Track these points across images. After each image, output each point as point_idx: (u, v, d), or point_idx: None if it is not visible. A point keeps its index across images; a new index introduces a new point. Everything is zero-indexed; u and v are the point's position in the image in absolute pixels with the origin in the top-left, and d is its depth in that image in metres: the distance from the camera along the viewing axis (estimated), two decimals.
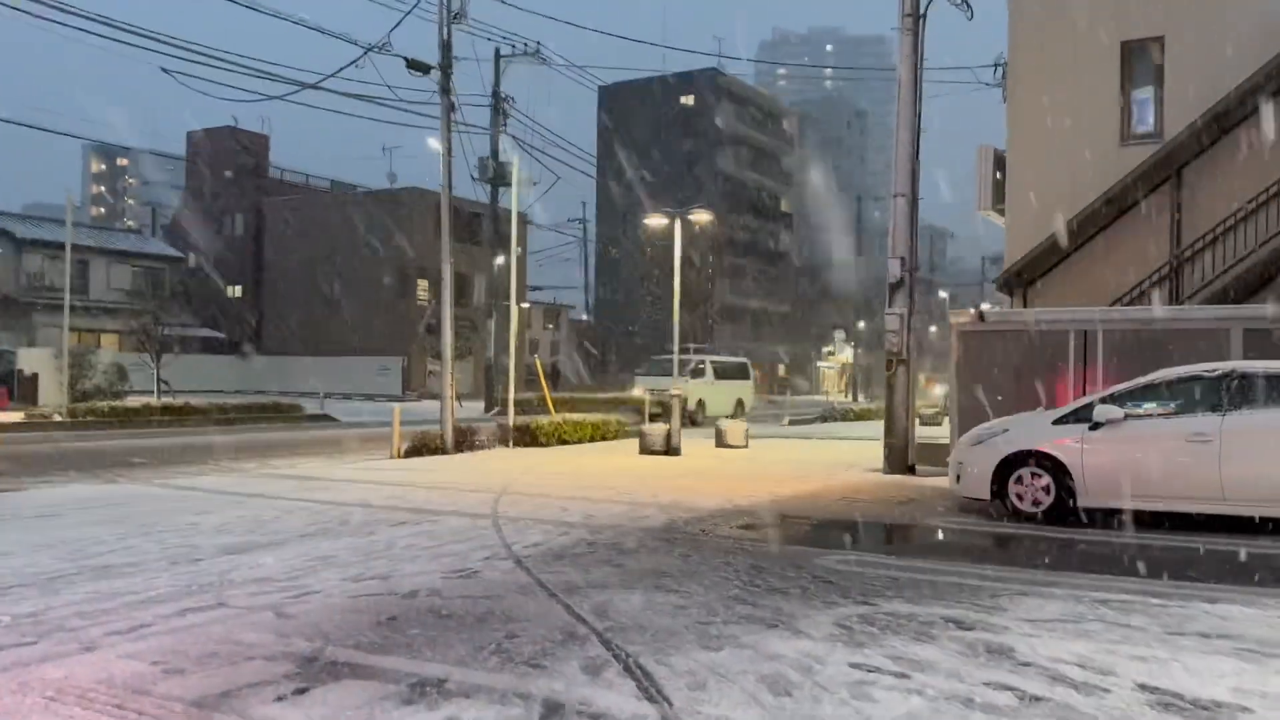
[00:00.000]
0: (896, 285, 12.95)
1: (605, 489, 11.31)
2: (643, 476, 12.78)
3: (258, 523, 8.71)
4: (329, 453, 17.60)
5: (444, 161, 16.03)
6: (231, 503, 10.06)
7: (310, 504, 9.92)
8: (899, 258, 12.93)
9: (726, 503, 10.21)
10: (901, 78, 12.96)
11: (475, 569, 6.64)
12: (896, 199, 13.04)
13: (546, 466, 14.09)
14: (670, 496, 10.66)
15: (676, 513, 9.43)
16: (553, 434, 18.05)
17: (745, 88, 73.31)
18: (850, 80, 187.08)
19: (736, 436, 17.79)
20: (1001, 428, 9.71)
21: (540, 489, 11.29)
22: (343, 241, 47.63)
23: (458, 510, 9.47)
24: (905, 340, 12.89)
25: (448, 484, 11.78)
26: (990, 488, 9.42)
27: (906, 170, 13.01)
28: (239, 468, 14.24)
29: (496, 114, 32.95)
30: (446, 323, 16.10)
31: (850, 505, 10.19)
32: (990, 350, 12.33)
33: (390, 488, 11.39)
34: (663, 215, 17.12)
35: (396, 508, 9.68)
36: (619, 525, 8.58)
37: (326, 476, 12.68)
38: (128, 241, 49.10)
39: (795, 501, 10.46)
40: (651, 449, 16.23)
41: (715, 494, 10.92)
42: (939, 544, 8.37)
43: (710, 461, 15.18)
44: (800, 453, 17.02)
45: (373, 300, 46.73)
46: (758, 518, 9.23)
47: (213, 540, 7.81)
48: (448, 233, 16.07)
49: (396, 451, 15.61)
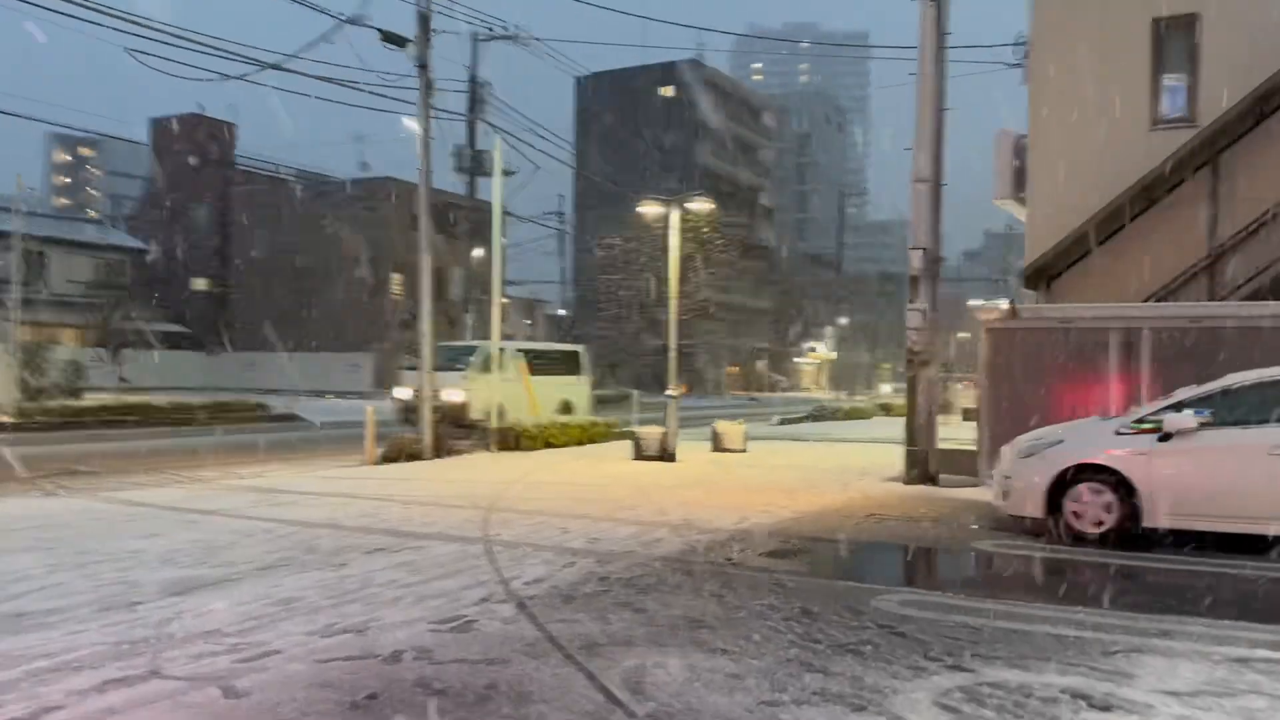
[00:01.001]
0: (918, 278, 11.90)
1: (605, 504, 10.19)
2: (643, 487, 11.66)
3: (211, 550, 7.51)
4: (297, 458, 16.34)
5: (421, 142, 14.82)
6: (183, 523, 8.85)
7: (272, 524, 8.72)
8: (921, 248, 11.88)
9: (742, 520, 9.12)
10: (923, 50, 11.91)
11: (470, 617, 5.50)
12: (918, 185, 11.98)
13: (536, 475, 12.95)
14: (679, 513, 9.55)
15: (691, 535, 8.33)
16: (538, 437, 16.90)
17: (726, 79, 72.26)
18: (827, 76, 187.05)
19: (734, 440, 16.72)
20: (1054, 437, 8.67)
21: (533, 504, 10.15)
22: (313, 233, 46.10)
23: (443, 533, 8.31)
24: (928, 338, 11.85)
25: (429, 498, 10.61)
26: (1044, 505, 8.39)
27: (930, 152, 11.96)
28: (197, 476, 12.98)
29: (474, 101, 31.65)
30: (425, 317, 14.90)
31: (881, 524, 9.13)
32: (1023, 349, 11.31)
33: (363, 502, 10.21)
34: (657, 202, 15.99)
35: (371, 529, 8.51)
36: (630, 553, 7.46)
37: (292, 488, 11.47)
38: (87, 232, 47.34)
39: (818, 519, 9.38)
40: (646, 454, 15.12)
41: (726, 509, 9.82)
42: (1003, 576, 7.32)
43: (710, 469, 14.10)
44: (803, 457, 15.97)
45: (345, 294, 45.27)
46: (783, 540, 8.14)
47: (156, 574, 6.62)
48: (426, 218, 14.86)
49: (371, 458, 14.42)
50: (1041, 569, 7.39)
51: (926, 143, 12.00)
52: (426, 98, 14.93)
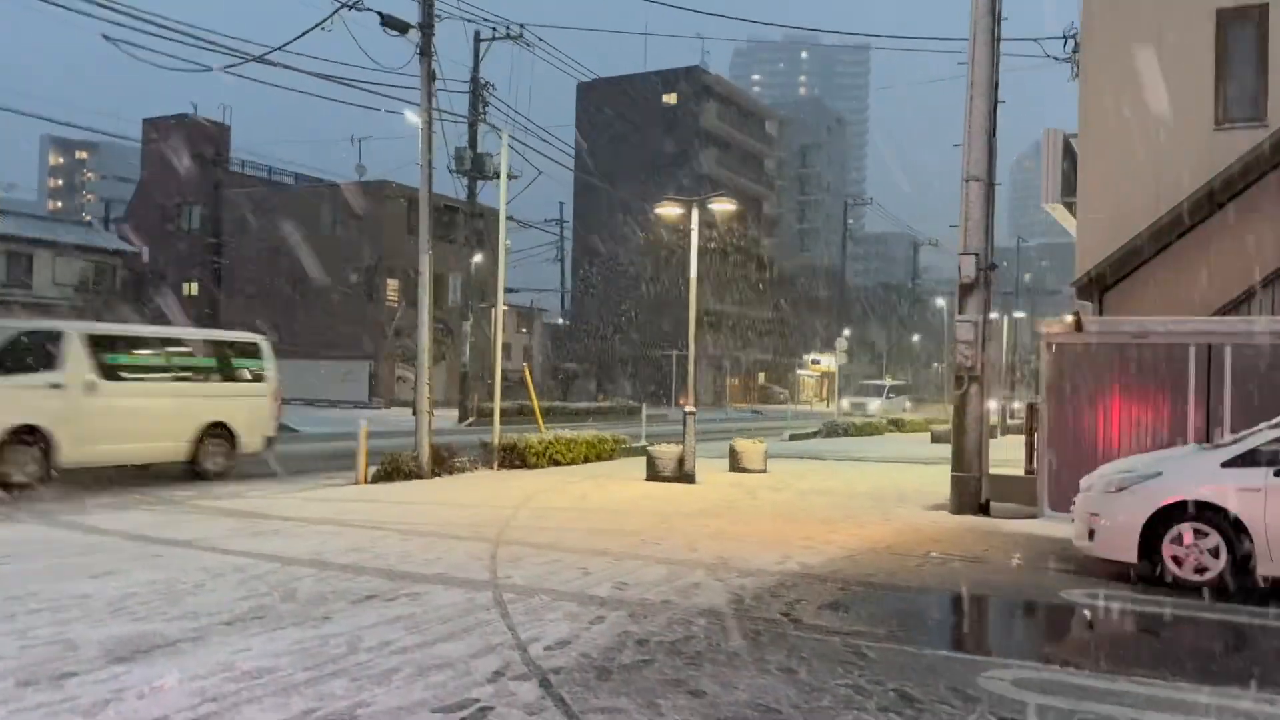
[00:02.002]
0: (970, 287, 10.80)
1: (626, 536, 9.05)
2: (664, 515, 10.53)
3: (172, 595, 6.36)
4: (283, 473, 15.17)
5: (423, 135, 13.71)
6: (146, 556, 7.70)
7: (248, 560, 7.57)
8: (973, 253, 10.78)
9: (785, 559, 7.99)
10: (974, 34, 10.84)
11: (484, 701, 4.37)
12: (969, 184, 10.90)
13: (545, 499, 11.81)
14: (712, 548, 8.42)
15: (731, 577, 7.20)
16: (543, 454, 15.75)
17: (728, 86, 71.35)
18: (826, 89, 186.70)
19: (754, 460, 15.59)
20: (1148, 469, 7.56)
21: (546, 535, 9.01)
22: (307, 238, 44.92)
23: (444, 574, 7.16)
24: (980, 353, 10.75)
25: (427, 526, 9.46)
26: (1138, 548, 7.28)
27: (982, 148, 10.88)
28: (172, 496, 11.81)
29: (476, 101, 30.58)
30: (425, 325, 13.77)
31: (945, 567, 8.00)
32: (1089, 366, 10.21)
33: (354, 532, 9.06)
34: (676, 202, 14.90)
35: (362, 568, 7.36)
36: (667, 603, 6.33)
37: (275, 512, 10.32)
38: (76, 234, 46.10)
39: (870, 559, 8.25)
40: (661, 475, 13.99)
41: (764, 544, 8.70)
42: (1119, 641, 6.18)
43: (733, 492, 12.97)
44: (830, 480, 14.85)
45: (338, 300, 44.09)
46: (841, 587, 7.02)
47: (102, 630, 5.49)
48: (426, 218, 13.74)
49: (363, 476, 13.26)
50: (1160, 631, 6.26)
51: (978, 138, 10.93)
52: (429, 87, 13.84)
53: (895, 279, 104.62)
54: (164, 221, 49.42)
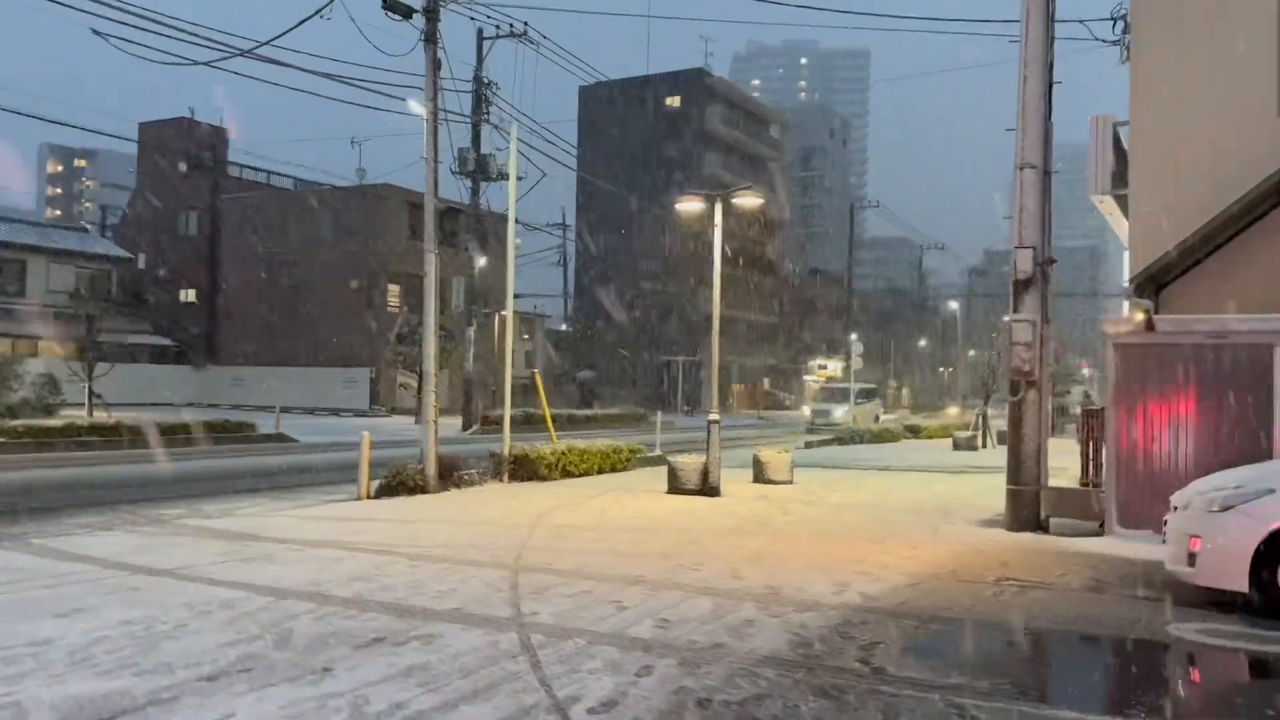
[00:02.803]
0: (1027, 283, 9.92)
1: (657, 560, 8.16)
2: (695, 534, 9.64)
3: (147, 640, 5.48)
4: (281, 488, 14.30)
5: (428, 127, 12.84)
6: (122, 590, 6.81)
7: (237, 593, 6.68)
8: (1029, 247, 9.90)
9: (842, 588, 7.10)
10: (1028, 10, 9.98)
11: None
12: (1023, 171, 10.03)
13: (561, 515, 10.91)
14: (756, 575, 7.53)
15: (788, 612, 6.31)
16: (555, 465, 14.86)
17: (732, 88, 70.51)
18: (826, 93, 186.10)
19: (779, 470, 14.70)
20: (1258, 484, 6.67)
21: (568, 559, 8.12)
22: (306, 243, 44.12)
23: (462, 609, 6.27)
24: (1038, 355, 9.86)
25: (437, 549, 8.57)
26: (1248, 575, 6.39)
27: (1037, 132, 10.02)
28: (159, 515, 10.92)
29: (479, 100, 29.75)
30: (430, 328, 12.87)
31: (1024, 596, 7.10)
32: (1161, 368, 9.33)
33: (358, 557, 8.17)
34: (698, 197, 14.02)
35: (367, 602, 6.47)
36: (722, 647, 5.44)
37: (270, 533, 9.43)
38: (71, 240, 45.24)
39: (937, 587, 7.35)
40: (684, 488, 13.10)
41: (814, 569, 7.81)
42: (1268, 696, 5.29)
43: (762, 505, 12.07)
44: (861, 492, 13.96)
45: (339, 306, 43.22)
46: (917, 624, 6.13)
47: (58, 688, 4.60)
48: (432, 215, 12.86)
49: (365, 491, 12.36)
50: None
51: (1032, 121, 10.06)
52: (434, 76, 12.98)
53: (897, 284, 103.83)
54: (161, 227, 48.58)
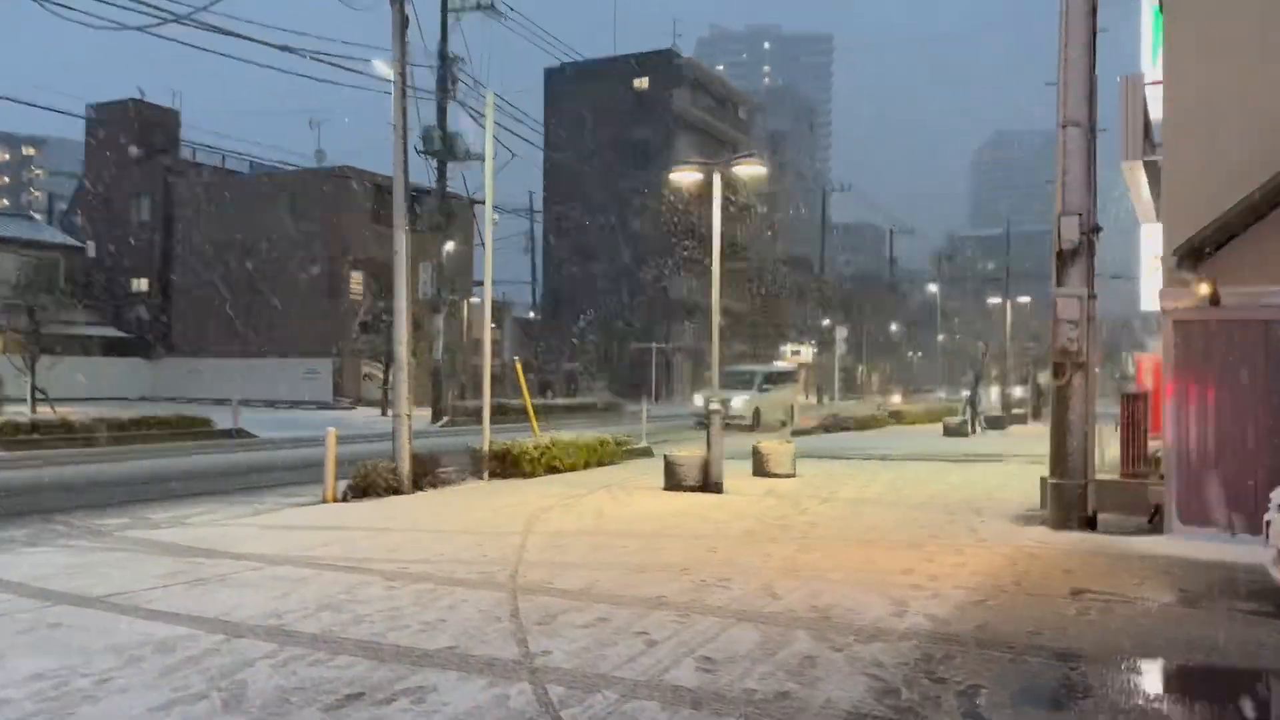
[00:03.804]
0: (1073, 254, 8.91)
1: (676, 573, 7.06)
2: (710, 540, 8.55)
3: (59, 704, 4.29)
4: (239, 490, 13.05)
5: (396, 91, 11.59)
6: (39, 627, 5.59)
7: (179, 629, 5.50)
8: (1075, 213, 8.89)
9: (900, 609, 6.05)
10: None
11: None
12: (1067, 130, 9.02)
13: (555, 519, 9.77)
14: (795, 591, 6.45)
15: (850, 643, 5.24)
16: (539, 460, 13.71)
17: (702, 70, 69.27)
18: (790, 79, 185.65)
19: (781, 463, 13.66)
20: None
21: (574, 576, 6.99)
22: (265, 228, 42.38)
23: (455, 650, 5.13)
24: (1086, 334, 8.87)
25: (418, 564, 7.40)
26: None
27: (1082, 87, 9.02)
28: (98, 526, 9.64)
29: (445, 77, 28.37)
30: (402, 313, 11.64)
31: (1116, 615, 6.08)
32: (1228, 346, 8.37)
33: (326, 576, 6.98)
34: (695, 167, 12.91)
35: (337, 640, 5.31)
36: (790, 698, 4.35)
37: (224, 546, 8.21)
38: (14, 228, 43.24)
39: (1008, 604, 6.32)
40: (683, 484, 12.01)
41: (859, 583, 6.75)
42: None
43: (773, 504, 11.01)
44: (871, 485, 12.96)
45: (299, 295, 41.57)
46: (1016, 661, 5.07)
47: None
48: (402, 189, 11.62)
49: (332, 493, 11.15)
50: None
51: (1076, 74, 9.06)
52: (402, 34, 11.73)
53: (862, 269, 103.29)
54: (111, 213, 46.60)
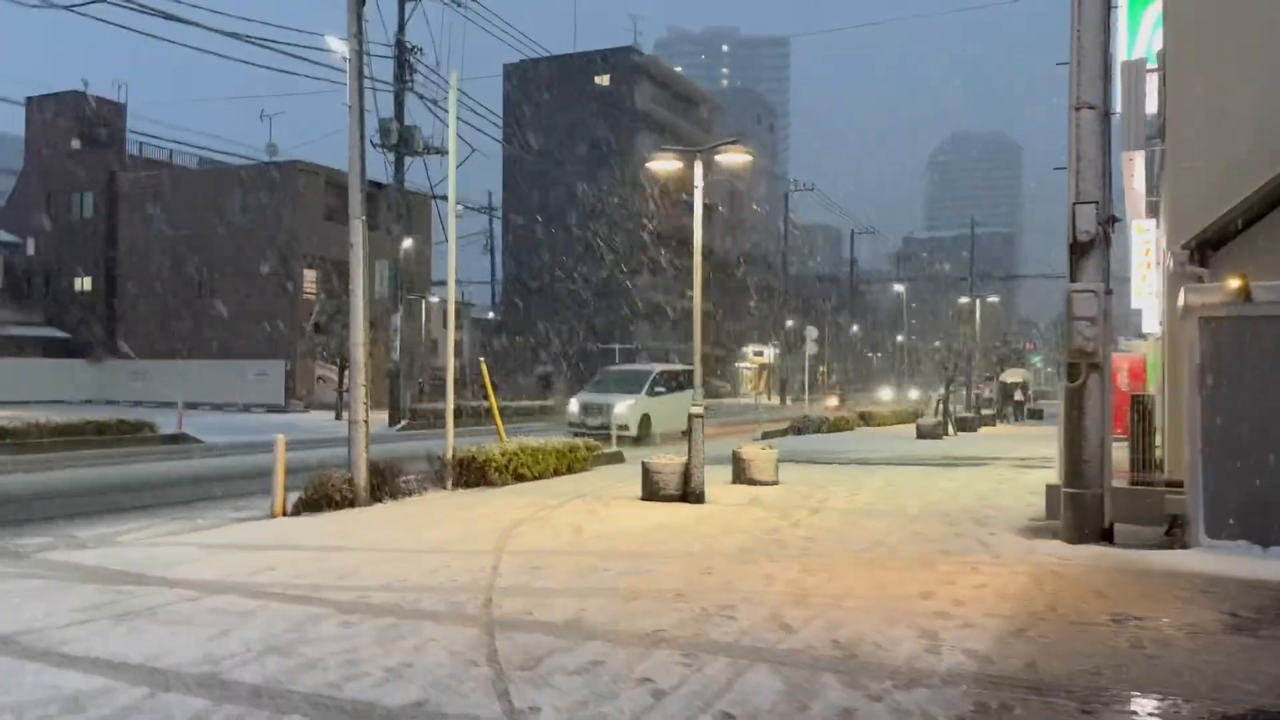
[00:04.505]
0: (1088, 246, 8.25)
1: (673, 601, 6.26)
2: (703, 560, 7.77)
3: None
4: (179, 502, 12.05)
5: (352, 68, 10.67)
6: None
7: (95, 680, 4.60)
8: (1090, 202, 8.23)
9: (933, 642, 5.31)
10: None
11: None
12: (1080, 112, 8.35)
13: (528, 535, 8.93)
14: (813, 624, 5.69)
15: (890, 691, 4.48)
16: (507, 468, 12.86)
17: (663, 68, 68.59)
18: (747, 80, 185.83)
19: (764, 469, 12.94)
20: None
21: (557, 605, 6.16)
22: (214, 225, 40.91)
23: (425, 704, 4.29)
24: (1104, 332, 8.21)
25: (379, 593, 6.53)
26: None
27: (1096, 67, 8.35)
28: (14, 547, 8.62)
29: (402, 67, 27.36)
30: (359, 309, 10.71)
31: (1171, 649, 5.38)
32: (1261, 345, 7.75)
33: (271, 609, 6.09)
34: (674, 155, 12.14)
35: (285, 695, 4.44)
36: None
37: (157, 570, 7.28)
38: None
39: (1049, 633, 5.61)
40: (662, 493, 11.23)
41: (879, 610, 6.01)
42: None
43: (761, 515, 10.26)
44: (860, 492, 12.26)
45: (250, 294, 40.17)
46: (1081, 706, 4.34)
47: None
48: (359, 174, 10.70)
49: (281, 506, 10.20)
50: None
51: (1090, 53, 8.39)
52: (359, 7, 10.81)
53: (820, 270, 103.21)
54: (52, 210, 44.83)
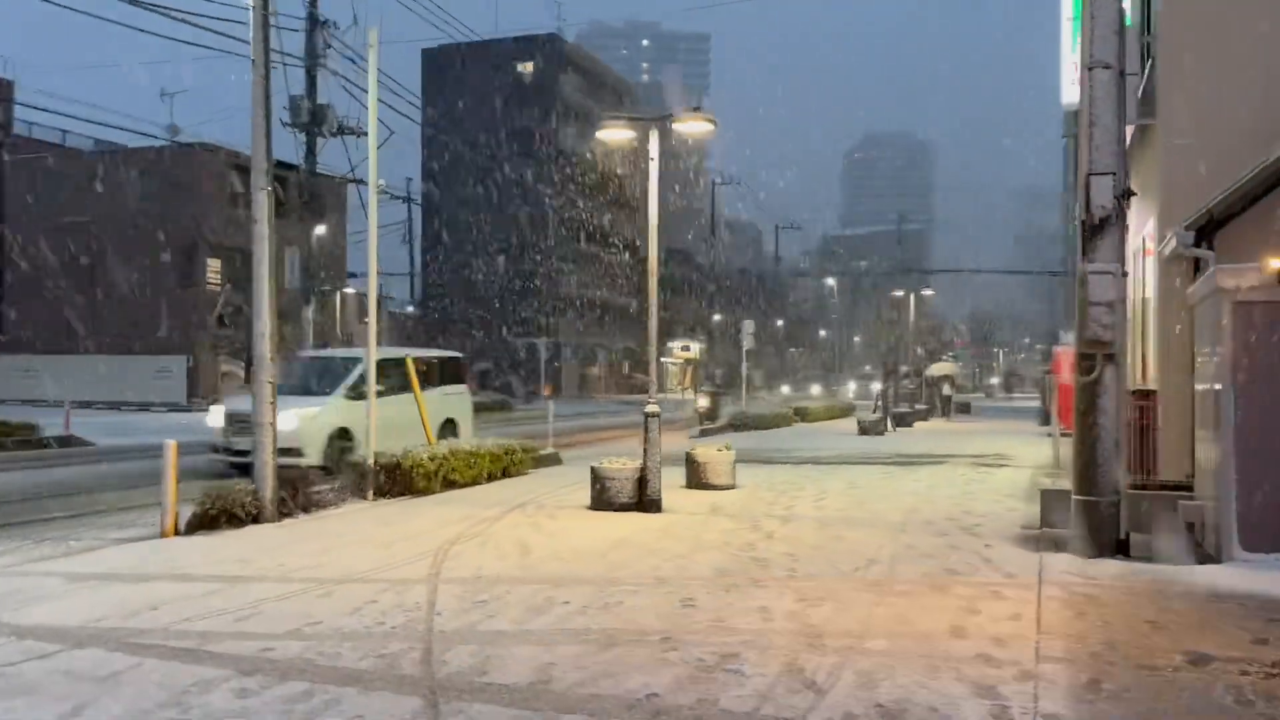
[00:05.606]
0: (1103, 224, 7.33)
1: (663, 651, 5.09)
2: (679, 586, 6.60)
3: None
4: (53, 517, 10.42)
5: (256, 17, 9.22)
6: None
7: None
8: (1106, 173, 7.30)
9: (998, 703, 4.27)
10: None
11: None
12: (1093, 72, 7.43)
13: (468, 556, 7.65)
14: (843, 679, 4.59)
15: None
16: (436, 474, 11.50)
17: (587, 57, 67.24)
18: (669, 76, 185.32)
19: (720, 472, 11.83)
20: None
21: (518, 660, 4.93)
22: (110, 211, 38.25)
23: None
24: (1122, 319, 7.31)
25: (288, 644, 5.21)
26: None
27: (1111, 22, 7.44)
28: None
29: (314, 40, 25.60)
30: (264, 296, 9.24)
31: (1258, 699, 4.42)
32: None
33: (146, 666, 4.73)
34: (626, 123, 10.96)
35: None
36: None
37: (7, 614, 5.82)
38: None
39: (1128, 687, 4.61)
40: (614, 502, 10.03)
41: (910, 654, 4.94)
42: None
43: (729, 526, 9.15)
44: (832, 499, 11.24)
45: (150, 285, 37.67)
46: None
47: None
48: (263, 140, 9.25)
49: (172, 524, 8.71)
50: None
51: (1104, 8, 7.47)
52: None
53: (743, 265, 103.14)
54: None
